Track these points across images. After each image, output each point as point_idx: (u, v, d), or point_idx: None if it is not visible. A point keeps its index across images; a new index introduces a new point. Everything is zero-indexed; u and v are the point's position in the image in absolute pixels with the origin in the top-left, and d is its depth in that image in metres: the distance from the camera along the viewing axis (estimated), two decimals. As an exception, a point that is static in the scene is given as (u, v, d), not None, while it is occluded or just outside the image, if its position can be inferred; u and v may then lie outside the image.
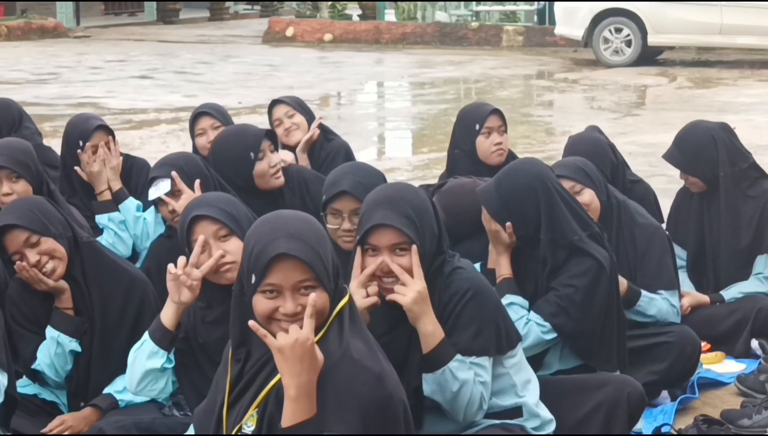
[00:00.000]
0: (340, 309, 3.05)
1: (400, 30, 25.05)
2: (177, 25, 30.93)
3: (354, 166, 4.56)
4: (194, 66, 20.22)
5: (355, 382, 2.94)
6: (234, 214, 3.93)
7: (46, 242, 4.16)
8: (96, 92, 15.77)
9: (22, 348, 4.28)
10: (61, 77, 17.78)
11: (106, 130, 5.79)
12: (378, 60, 21.97)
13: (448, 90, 17.28)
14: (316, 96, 16.30)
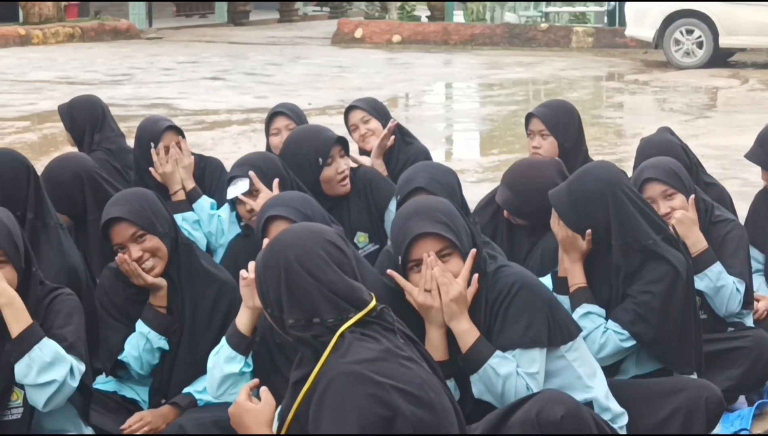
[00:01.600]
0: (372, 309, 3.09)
1: (469, 31, 25.03)
2: (247, 26, 31.14)
3: (427, 164, 4.60)
4: (264, 67, 20.35)
5: (346, 393, 2.93)
6: (309, 215, 3.96)
7: (152, 239, 4.22)
8: (168, 93, 15.93)
9: (110, 337, 4.36)
10: (135, 78, 17.98)
11: (175, 131, 5.85)
12: (446, 61, 21.97)
13: (518, 91, 17.24)
14: (384, 97, 16.32)
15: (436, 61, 21.85)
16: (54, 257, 4.40)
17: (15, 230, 3.82)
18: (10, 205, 4.30)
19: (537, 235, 4.70)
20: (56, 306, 3.83)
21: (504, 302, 3.68)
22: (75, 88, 16.91)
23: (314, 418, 2.95)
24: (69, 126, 6.41)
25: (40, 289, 3.87)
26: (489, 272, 3.72)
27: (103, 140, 6.35)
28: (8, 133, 12.73)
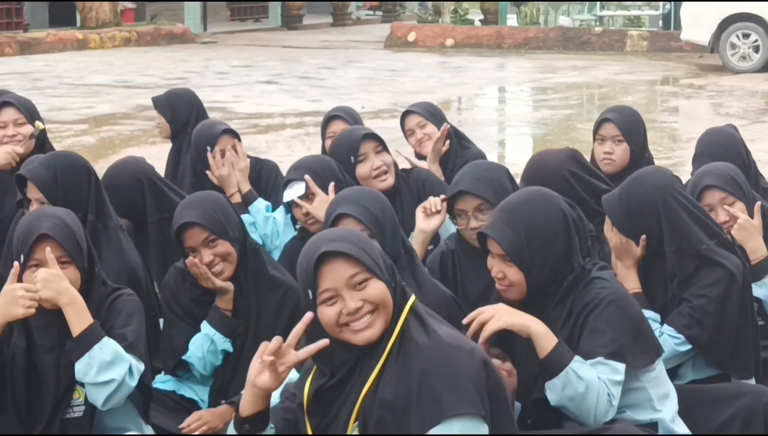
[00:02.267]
0: (413, 304, 3.12)
1: (523, 35, 24.99)
2: (300, 30, 31.27)
3: (473, 165, 4.60)
4: (318, 71, 20.44)
5: (456, 362, 3.01)
6: (378, 215, 3.98)
7: (223, 244, 4.26)
8: (223, 97, 16.06)
9: (174, 336, 4.43)
10: (190, 82, 18.12)
11: (231, 134, 5.90)
12: (500, 65, 21.95)
13: (572, 95, 17.19)
14: (437, 101, 16.28)
15: (489, 64, 21.84)
16: (114, 258, 4.45)
17: (79, 231, 3.87)
18: (72, 207, 4.36)
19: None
20: (118, 306, 3.87)
21: (592, 313, 3.61)
22: (132, 91, 17.11)
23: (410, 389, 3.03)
24: (170, 117, 6.49)
25: (102, 289, 3.91)
26: (580, 285, 3.66)
27: None
28: (66, 136, 12.89)
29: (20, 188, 4.59)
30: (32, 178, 4.45)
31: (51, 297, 3.69)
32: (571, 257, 3.67)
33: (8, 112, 5.57)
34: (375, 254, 3.12)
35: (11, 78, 18.48)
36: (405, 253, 4.03)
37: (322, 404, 3.17)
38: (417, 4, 34.03)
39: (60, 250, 3.76)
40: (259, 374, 3.12)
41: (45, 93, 16.46)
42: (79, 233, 3.87)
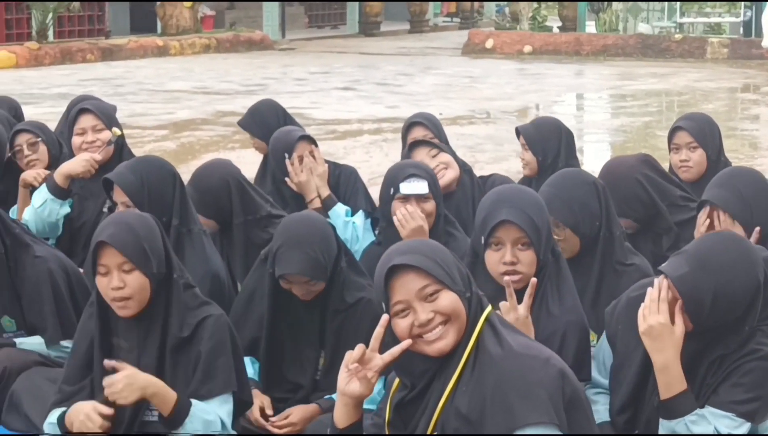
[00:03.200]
0: (488, 315, 3.12)
1: (601, 42, 24.84)
2: (378, 37, 31.37)
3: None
4: (395, 77, 20.49)
5: (529, 371, 3.01)
6: (440, 262, 3.94)
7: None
8: (301, 103, 16.15)
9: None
10: (268, 88, 18.25)
11: (308, 140, 5.93)
12: (578, 72, 21.84)
13: (651, 102, 17.06)
14: (515, 108, 16.34)
15: (567, 71, 21.74)
16: (197, 263, 4.50)
17: (148, 235, 3.84)
18: (157, 211, 4.43)
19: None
20: (205, 332, 3.86)
21: (743, 365, 3.48)
22: (211, 97, 17.28)
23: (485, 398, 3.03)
24: (260, 134, 6.47)
25: (189, 297, 3.92)
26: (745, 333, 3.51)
27: None
28: (147, 141, 13.05)
29: (107, 192, 4.66)
30: (119, 182, 4.52)
31: (136, 399, 3.72)
32: (746, 322, 3.52)
33: (87, 118, 5.63)
34: (448, 264, 3.13)
35: (94, 84, 18.76)
36: (553, 257, 3.89)
37: (403, 417, 3.18)
38: (495, 10, 33.98)
39: (120, 256, 3.78)
40: (348, 382, 3.13)
41: (126, 99, 16.67)
42: (148, 237, 3.84)
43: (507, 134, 13.28)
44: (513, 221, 3.74)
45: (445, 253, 3.17)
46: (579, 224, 4.25)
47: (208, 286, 4.47)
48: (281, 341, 4.40)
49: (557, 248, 3.94)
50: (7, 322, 4.71)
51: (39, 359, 4.54)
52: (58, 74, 20.64)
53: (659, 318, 3.47)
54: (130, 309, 3.82)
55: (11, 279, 4.68)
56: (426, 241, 3.33)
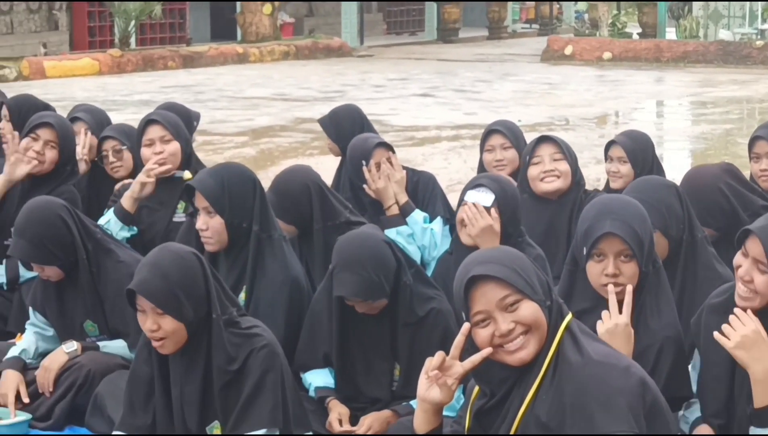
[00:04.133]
0: (568, 323, 3.11)
1: (682, 48, 24.60)
2: (456, 43, 31.35)
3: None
4: (473, 84, 20.46)
5: (608, 380, 3.00)
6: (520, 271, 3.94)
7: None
8: (380, 110, 16.19)
9: None
10: (347, 95, 18.32)
11: (385, 147, 5.94)
12: (658, 79, 21.65)
13: (732, 110, 16.86)
14: (594, 115, 16.24)
15: (647, 78, 21.56)
16: (277, 269, 4.53)
17: (181, 279, 3.81)
18: (237, 217, 4.48)
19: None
20: (255, 365, 3.88)
21: None
22: (290, 104, 17.40)
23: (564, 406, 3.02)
24: (335, 136, 6.54)
25: (233, 333, 3.90)
26: None
27: None
28: (227, 147, 13.16)
29: (189, 198, 4.71)
30: (200, 188, 4.57)
31: None
32: None
33: (154, 129, 5.61)
34: (528, 273, 3.12)
35: (175, 91, 18.98)
36: (654, 269, 3.85)
37: (483, 424, 3.19)
38: (574, 17, 33.81)
39: (148, 303, 3.81)
40: (428, 389, 3.15)
41: (207, 106, 16.84)
42: (182, 283, 3.81)
43: (586, 141, 13.20)
44: (617, 233, 3.72)
45: (524, 261, 3.16)
46: (668, 226, 4.24)
47: (287, 291, 4.51)
48: (352, 356, 4.43)
49: (658, 260, 3.90)
50: (90, 326, 4.79)
51: (122, 363, 4.61)
52: (140, 81, 20.91)
53: (750, 326, 3.43)
54: (166, 349, 3.87)
55: (94, 284, 4.75)
56: (505, 249, 3.32)
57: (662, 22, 27.11)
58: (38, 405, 4.64)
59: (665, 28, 27.30)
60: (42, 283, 4.85)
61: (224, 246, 4.57)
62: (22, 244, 4.71)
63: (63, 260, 4.70)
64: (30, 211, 4.75)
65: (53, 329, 4.87)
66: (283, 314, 4.46)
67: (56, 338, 4.85)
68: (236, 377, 3.88)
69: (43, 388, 4.63)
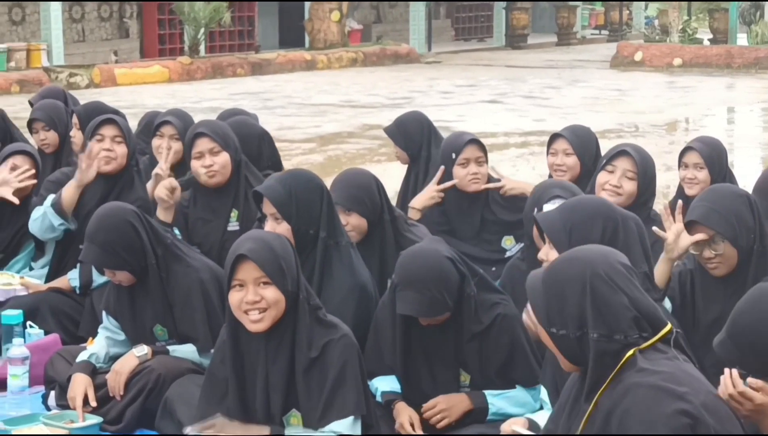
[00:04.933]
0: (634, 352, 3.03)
1: (753, 54, 24.33)
2: (525, 50, 31.24)
3: (712, 191, 4.49)
4: (542, 90, 20.39)
5: (653, 406, 2.93)
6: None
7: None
8: (447, 116, 16.19)
9: None
10: (414, 101, 18.34)
11: (478, 144, 5.97)
12: (729, 85, 21.42)
13: (805, 116, 16.67)
14: (664, 121, 16.10)
15: (718, 84, 21.34)
16: (345, 275, 4.55)
17: (285, 255, 3.93)
18: (304, 223, 4.50)
19: None
20: (333, 354, 3.93)
21: None
22: (357, 111, 17.45)
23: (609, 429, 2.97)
24: (403, 145, 6.60)
25: (316, 318, 3.97)
26: None
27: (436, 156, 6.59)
28: (295, 154, 13.23)
29: (257, 204, 4.74)
30: (268, 195, 4.59)
31: None
32: None
33: (203, 142, 5.66)
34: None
35: (243, 98, 19.11)
36: None
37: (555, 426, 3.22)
38: (644, 23, 33.55)
39: (258, 271, 3.86)
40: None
41: (275, 112, 16.94)
42: (284, 257, 3.93)
43: (655, 148, 13.09)
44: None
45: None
46: (737, 236, 4.22)
47: (355, 297, 4.53)
48: (416, 366, 4.44)
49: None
50: (160, 330, 4.84)
51: (192, 367, 4.65)
52: (209, 88, 21.08)
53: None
54: (263, 323, 3.89)
55: (163, 289, 4.80)
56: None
57: (733, 28, 26.81)
58: (109, 409, 4.69)
59: (736, 33, 26.98)
60: (114, 288, 4.91)
61: (291, 252, 4.60)
62: (94, 249, 4.77)
63: (133, 265, 4.76)
64: (101, 217, 4.82)
65: (124, 334, 4.92)
66: (351, 319, 4.47)
67: (127, 342, 4.90)
68: (316, 365, 3.92)
69: (113, 391, 4.69)
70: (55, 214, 5.77)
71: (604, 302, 3.01)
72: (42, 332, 5.48)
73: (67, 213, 5.76)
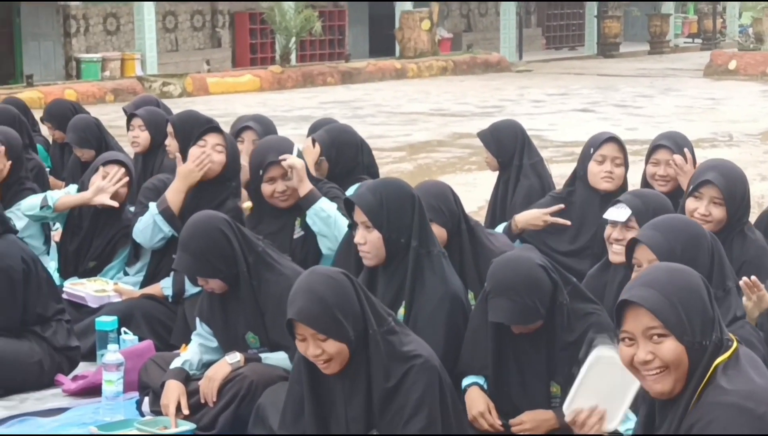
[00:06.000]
0: (721, 362, 3.00)
1: None
2: (617, 58, 30.99)
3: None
4: (634, 99, 20.18)
5: (730, 427, 2.89)
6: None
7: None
8: (538, 125, 16.09)
9: None
10: (505, 110, 18.27)
11: (616, 141, 6.03)
12: (827, 93, 21.05)
13: None
14: (758, 130, 15.84)
15: (815, 92, 20.98)
16: (437, 284, 4.52)
17: (338, 300, 3.85)
18: (395, 232, 4.48)
19: None
20: (411, 381, 3.88)
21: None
22: (447, 119, 17.42)
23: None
24: (495, 151, 6.60)
25: (392, 345, 3.92)
26: None
27: (532, 164, 6.59)
28: (385, 162, 13.23)
29: (349, 213, 4.74)
30: (359, 202, 4.59)
31: None
32: None
33: (275, 169, 5.65)
34: (688, 308, 3.02)
35: (333, 106, 19.19)
36: None
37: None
38: (738, 31, 33.10)
39: (309, 330, 3.84)
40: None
41: (365, 121, 16.98)
42: (339, 303, 3.84)
43: (750, 157, 12.90)
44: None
45: (691, 293, 3.04)
46: None
47: (447, 306, 4.51)
48: (508, 375, 4.41)
49: None
50: (251, 338, 4.86)
51: (284, 375, 4.65)
52: (300, 97, 21.21)
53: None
54: (332, 369, 3.90)
55: (255, 296, 4.82)
56: (678, 273, 3.13)
57: (831, 35, 26.34)
58: (202, 415, 4.72)
59: (834, 41, 26.51)
60: (208, 295, 4.94)
61: (382, 261, 4.59)
62: (186, 257, 4.81)
63: (225, 272, 4.79)
64: (193, 226, 4.86)
65: (217, 341, 4.96)
66: (443, 328, 4.46)
67: (220, 349, 4.93)
68: (394, 394, 3.89)
69: (206, 398, 4.71)
70: (164, 221, 5.88)
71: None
72: (136, 338, 5.54)
73: (177, 219, 5.85)
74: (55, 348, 5.48)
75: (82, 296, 6.05)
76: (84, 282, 6.19)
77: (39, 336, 5.45)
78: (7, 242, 5.41)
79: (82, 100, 18.23)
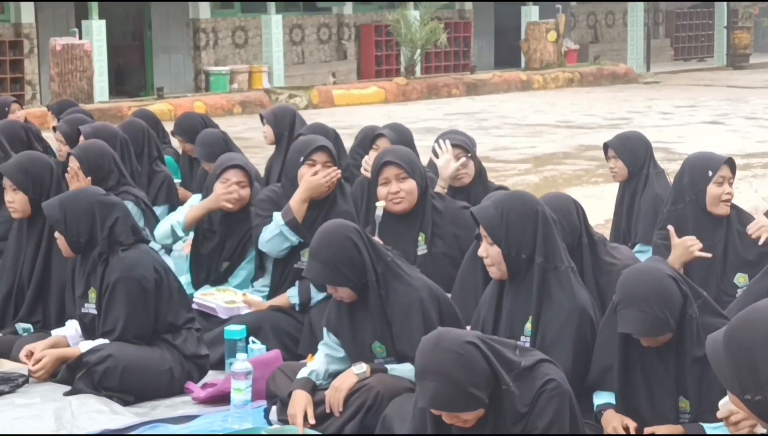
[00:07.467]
0: None
1: None
2: (747, 70, 30.41)
3: None
4: (765, 111, 19.78)
5: None
6: None
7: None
8: (666, 137, 15.87)
9: None
10: (632, 122, 18.07)
11: (731, 166, 5.94)
12: None
13: None
14: None
15: None
16: (564, 299, 4.48)
17: (468, 374, 3.66)
18: (515, 247, 4.46)
19: None
20: (541, 406, 3.79)
21: None
22: (574, 131, 17.30)
23: None
24: (627, 160, 6.62)
25: (520, 388, 3.78)
26: None
27: (657, 174, 6.62)
28: (510, 175, 13.19)
29: (477, 226, 4.74)
30: (479, 217, 4.58)
31: None
32: None
33: (390, 169, 5.79)
34: None
35: (458, 118, 19.21)
36: None
37: None
38: None
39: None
40: None
41: (490, 133, 16.96)
42: (469, 378, 3.64)
43: None
44: None
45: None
46: None
47: (575, 321, 4.47)
48: (636, 389, 4.36)
49: None
50: (378, 348, 4.89)
51: (410, 386, 4.65)
52: (424, 108, 21.27)
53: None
54: (469, 423, 3.74)
55: (382, 306, 4.85)
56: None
57: None
58: (328, 425, 4.76)
59: None
60: (336, 304, 4.99)
61: (505, 275, 4.58)
62: (316, 266, 4.87)
63: (354, 281, 4.83)
64: (324, 235, 4.92)
65: (344, 350, 4.99)
66: (571, 342, 4.42)
67: (346, 359, 4.97)
68: (527, 419, 3.80)
69: (333, 407, 4.75)
70: (290, 231, 6.02)
71: None
72: (264, 347, 5.61)
73: (302, 228, 5.97)
74: (185, 356, 5.57)
75: (212, 306, 6.15)
76: (214, 292, 6.29)
77: (170, 344, 5.55)
78: (140, 251, 5.53)
79: (211, 113, 18.56)
